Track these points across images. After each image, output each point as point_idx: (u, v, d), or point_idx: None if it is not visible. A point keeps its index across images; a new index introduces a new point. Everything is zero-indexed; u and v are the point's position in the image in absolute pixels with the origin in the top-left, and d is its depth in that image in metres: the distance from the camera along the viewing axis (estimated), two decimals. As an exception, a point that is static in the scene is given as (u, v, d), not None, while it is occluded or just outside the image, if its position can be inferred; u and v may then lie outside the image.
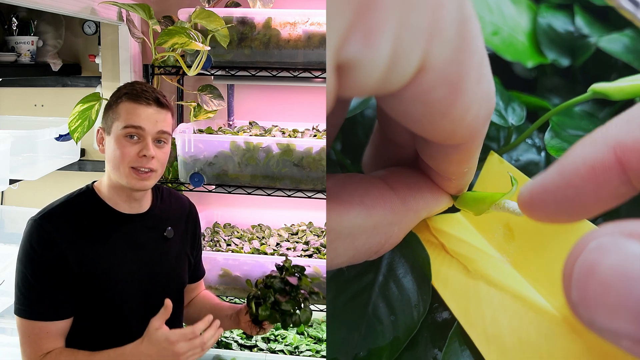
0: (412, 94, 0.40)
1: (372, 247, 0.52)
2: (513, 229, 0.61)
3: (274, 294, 1.13)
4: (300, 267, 1.18)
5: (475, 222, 0.64)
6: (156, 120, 1.08)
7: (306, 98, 1.93)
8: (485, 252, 0.62)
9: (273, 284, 1.14)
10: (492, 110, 0.46)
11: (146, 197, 1.17)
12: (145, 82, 1.13)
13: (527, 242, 0.60)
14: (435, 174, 0.54)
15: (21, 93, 2.14)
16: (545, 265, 0.60)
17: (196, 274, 1.33)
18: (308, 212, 1.95)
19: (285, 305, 1.12)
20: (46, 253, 1.05)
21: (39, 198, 2.03)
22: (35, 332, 1.05)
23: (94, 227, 1.11)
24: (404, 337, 0.62)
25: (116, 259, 1.11)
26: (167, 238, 1.19)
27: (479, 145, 0.49)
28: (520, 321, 0.57)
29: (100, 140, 1.13)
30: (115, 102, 1.09)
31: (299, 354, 1.82)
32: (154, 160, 1.08)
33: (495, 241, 0.62)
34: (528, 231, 0.60)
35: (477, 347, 0.57)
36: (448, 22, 0.38)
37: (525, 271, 0.61)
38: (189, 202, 1.31)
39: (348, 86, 0.37)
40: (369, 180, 0.53)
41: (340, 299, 0.64)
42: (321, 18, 1.62)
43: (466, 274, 0.60)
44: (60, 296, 1.06)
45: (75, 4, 1.47)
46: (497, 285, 0.59)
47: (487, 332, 0.57)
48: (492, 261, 0.61)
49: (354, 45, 0.35)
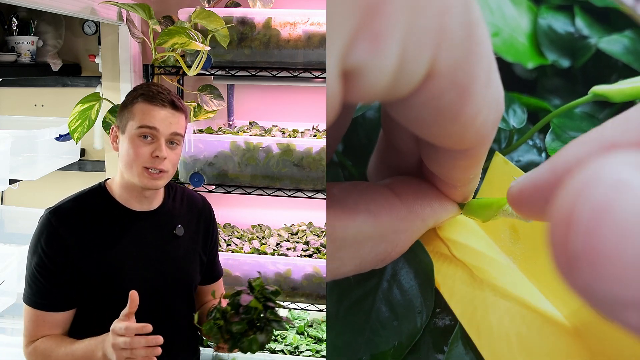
0: (421, 99, 0.39)
1: (378, 255, 0.52)
2: (519, 230, 0.61)
3: (220, 312, 1.07)
4: (271, 288, 1.08)
5: (482, 224, 0.64)
6: (170, 123, 1.10)
7: (306, 98, 1.93)
8: (493, 259, 0.62)
9: (233, 301, 1.07)
10: (500, 114, 0.46)
11: (158, 195, 1.19)
12: (160, 85, 1.14)
13: (534, 243, 0.60)
14: (441, 181, 0.54)
15: (21, 93, 2.13)
16: (552, 268, 0.60)
17: (212, 274, 1.32)
18: (308, 212, 1.95)
19: (234, 327, 1.05)
20: (52, 248, 1.09)
21: (39, 198, 2.04)
22: (34, 319, 1.11)
23: (104, 224, 1.13)
24: (407, 343, 0.62)
25: (124, 255, 1.12)
26: (176, 236, 1.20)
27: (486, 150, 0.49)
28: (527, 328, 0.57)
29: (114, 138, 1.15)
30: (130, 102, 1.11)
31: (299, 354, 1.82)
32: (166, 161, 1.10)
33: (502, 242, 0.62)
34: (534, 232, 0.60)
35: (481, 352, 0.57)
36: (456, 25, 0.37)
37: (533, 274, 0.61)
38: (204, 201, 1.32)
39: (355, 92, 0.37)
40: (374, 188, 0.53)
41: (344, 303, 0.64)
42: (321, 18, 1.62)
43: (473, 280, 0.60)
44: (61, 290, 1.09)
45: (75, 4, 1.47)
46: (504, 292, 0.59)
47: (493, 338, 0.57)
48: (500, 267, 0.61)
49: (361, 51, 0.34)
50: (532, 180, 0.45)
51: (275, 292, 1.08)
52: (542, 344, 0.57)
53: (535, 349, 0.56)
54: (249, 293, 1.08)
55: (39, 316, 1.10)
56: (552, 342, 0.57)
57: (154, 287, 1.15)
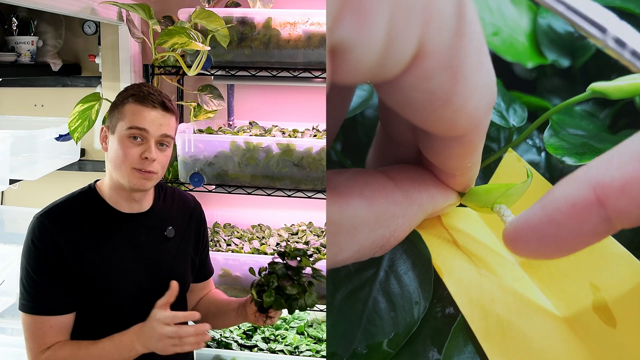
0: (410, 81, 0.39)
1: (376, 241, 0.52)
2: None
3: (277, 279, 1.12)
4: (301, 250, 1.16)
5: (486, 218, 0.64)
6: (160, 124, 1.09)
7: (306, 98, 1.93)
8: (495, 252, 0.62)
9: (275, 269, 1.13)
10: (493, 100, 0.46)
11: (147, 196, 1.18)
12: (152, 85, 1.14)
13: None
14: (440, 171, 0.54)
15: (21, 93, 2.14)
16: (553, 267, 0.60)
17: (203, 273, 1.33)
18: (308, 212, 1.95)
19: (289, 290, 1.10)
20: (46, 250, 1.07)
21: (39, 198, 2.03)
22: (38, 327, 1.07)
23: (94, 226, 1.11)
24: (404, 334, 0.62)
25: (115, 258, 1.11)
26: (167, 238, 1.20)
27: (481, 137, 0.49)
28: (525, 323, 0.57)
29: (104, 138, 1.14)
30: (121, 103, 1.10)
31: (299, 354, 1.82)
32: (155, 163, 1.09)
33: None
34: None
35: (481, 344, 0.58)
36: (445, 3, 0.37)
37: (534, 273, 0.61)
38: (195, 201, 1.31)
39: (342, 71, 0.36)
40: (368, 172, 0.53)
41: (340, 292, 0.64)
42: (321, 18, 1.62)
43: (476, 271, 0.60)
44: (61, 292, 1.08)
45: (75, 4, 1.47)
46: (505, 286, 0.59)
47: (491, 330, 0.58)
48: (502, 261, 0.61)
49: (347, 27, 0.34)
50: (526, 221, 0.47)
51: (305, 252, 1.15)
52: (541, 340, 0.57)
53: (535, 344, 0.57)
54: (285, 259, 1.14)
55: (43, 323, 1.07)
56: (552, 340, 0.57)
57: (147, 289, 1.14)
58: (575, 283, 0.60)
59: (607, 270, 0.59)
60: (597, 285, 0.59)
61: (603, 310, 0.58)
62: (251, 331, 1.93)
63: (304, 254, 1.15)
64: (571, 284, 0.60)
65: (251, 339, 1.89)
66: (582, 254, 0.50)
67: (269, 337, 1.90)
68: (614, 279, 0.59)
